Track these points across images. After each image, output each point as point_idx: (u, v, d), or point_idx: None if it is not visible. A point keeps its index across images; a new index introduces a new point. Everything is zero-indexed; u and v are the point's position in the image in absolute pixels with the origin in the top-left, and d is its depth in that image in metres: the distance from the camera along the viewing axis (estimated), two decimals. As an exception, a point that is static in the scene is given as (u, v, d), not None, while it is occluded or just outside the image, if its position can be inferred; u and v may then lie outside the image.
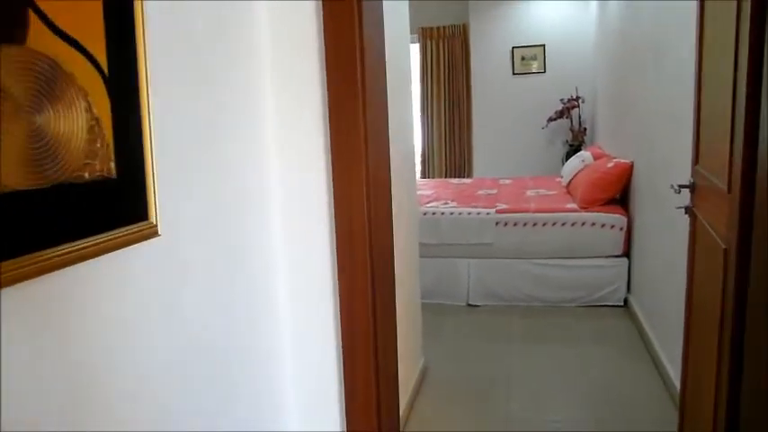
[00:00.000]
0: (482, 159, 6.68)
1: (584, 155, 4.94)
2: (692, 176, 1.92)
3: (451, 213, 4.05)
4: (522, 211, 3.97)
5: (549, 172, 6.21)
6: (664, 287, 2.97)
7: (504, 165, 6.58)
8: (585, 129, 6.05)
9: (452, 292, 4.08)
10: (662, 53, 2.99)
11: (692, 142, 1.91)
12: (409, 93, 2.72)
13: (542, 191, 4.69)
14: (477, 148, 6.68)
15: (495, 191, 4.83)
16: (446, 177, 6.75)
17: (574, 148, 6.04)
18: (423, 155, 6.86)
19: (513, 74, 6.43)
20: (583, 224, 3.83)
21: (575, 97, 6.05)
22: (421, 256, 4.10)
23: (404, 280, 2.61)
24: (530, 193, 4.64)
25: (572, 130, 6.09)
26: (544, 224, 3.89)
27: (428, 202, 4.37)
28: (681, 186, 1.95)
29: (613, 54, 4.62)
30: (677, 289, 2.72)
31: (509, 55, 6.40)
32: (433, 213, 4.09)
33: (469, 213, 4.03)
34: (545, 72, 6.34)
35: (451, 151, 6.75)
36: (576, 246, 3.86)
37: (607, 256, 3.84)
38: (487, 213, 3.99)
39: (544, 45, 6.28)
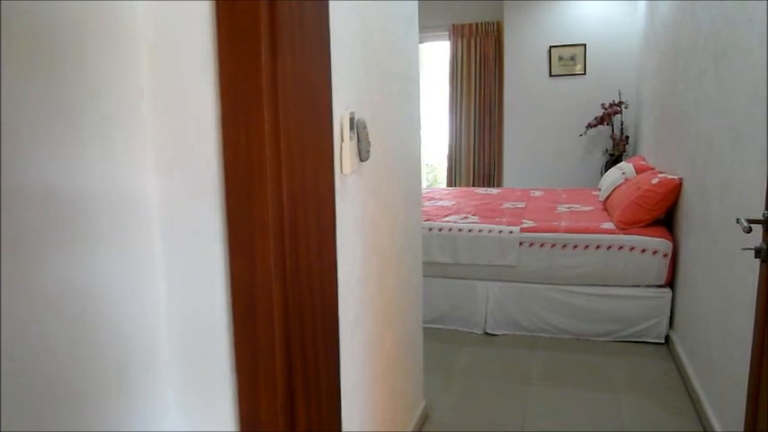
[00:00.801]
0: (513, 167, 6.19)
1: (626, 167, 4.43)
2: (767, 210, 1.45)
3: (470, 230, 3.61)
4: (550, 231, 3.50)
5: (585, 183, 5.69)
6: (715, 327, 2.48)
7: (537, 174, 6.08)
8: (628, 137, 5.51)
9: (468, 318, 3.64)
10: (725, 57, 2.50)
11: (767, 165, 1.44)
12: (416, 98, 2.30)
13: (576, 206, 4.20)
14: (509, 154, 6.20)
15: (523, 204, 4.36)
16: (473, 186, 6.29)
17: (614, 159, 5.51)
18: (449, 160, 6.42)
19: (550, 75, 5.92)
20: (621, 248, 3.34)
21: (617, 102, 5.52)
22: (435, 276, 3.70)
23: (400, 306, 2.19)
24: (561, 208, 4.16)
25: (613, 138, 5.56)
26: (575, 246, 3.41)
27: (446, 216, 3.94)
28: (751, 222, 1.49)
29: (663, 56, 4.10)
30: (732, 332, 2.24)
31: (546, 55, 5.90)
32: (450, 230, 3.65)
33: (490, 231, 3.58)
34: (585, 74, 5.82)
35: (480, 157, 6.29)
36: (612, 272, 3.37)
37: (647, 286, 3.34)
38: (510, 232, 3.53)
39: (585, 45, 5.76)
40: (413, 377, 2.45)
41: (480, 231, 3.59)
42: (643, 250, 3.30)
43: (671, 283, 3.34)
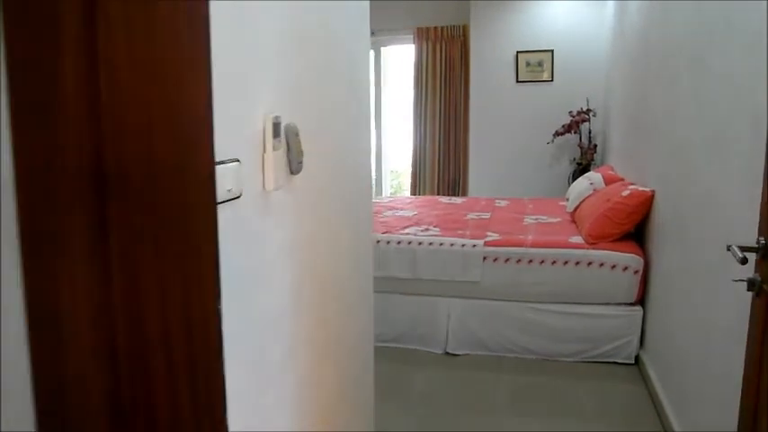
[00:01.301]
0: (479, 175, 6.00)
1: (594, 177, 4.26)
2: (762, 236, 1.24)
3: (430, 244, 3.37)
4: (516, 245, 3.28)
5: (552, 193, 5.52)
6: (690, 350, 2.29)
7: (503, 182, 5.90)
8: (596, 146, 5.36)
9: (428, 336, 3.40)
10: (701, 62, 2.32)
11: (763, 182, 1.23)
12: (364, 101, 2.05)
13: (543, 218, 4.01)
14: (474, 162, 6.00)
15: (488, 215, 4.15)
16: (438, 194, 6.07)
17: (582, 168, 5.36)
18: (414, 167, 6.19)
19: (517, 81, 5.75)
20: (589, 263, 3.14)
21: (585, 110, 5.37)
22: (393, 292, 3.45)
23: (346, 335, 1.93)
24: (528, 220, 3.96)
25: (580, 146, 5.41)
26: (542, 261, 3.20)
27: (406, 228, 3.70)
28: (744, 250, 1.28)
29: (633, 62, 3.94)
30: (711, 356, 2.05)
31: (513, 60, 5.73)
32: (409, 243, 3.41)
33: (452, 245, 3.35)
34: (552, 80, 5.66)
35: (445, 165, 6.07)
36: (580, 289, 3.17)
37: (617, 304, 3.16)
38: (474, 246, 3.31)
39: (552, 50, 5.61)
40: (362, 411, 2.19)
41: (441, 245, 3.36)
42: (613, 266, 3.11)
43: (641, 300, 3.15)
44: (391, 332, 3.45)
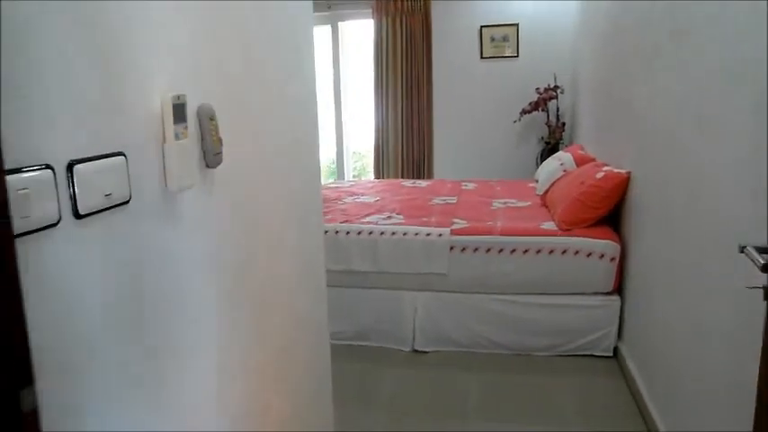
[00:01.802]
0: (444, 156, 5.76)
1: (564, 157, 4.05)
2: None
3: (393, 233, 3.11)
4: (484, 233, 3.05)
5: (521, 173, 5.31)
6: (674, 344, 2.10)
7: (469, 163, 5.67)
8: (564, 124, 5.16)
9: (394, 333, 3.16)
10: (685, 33, 2.09)
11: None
12: (308, 77, 1.75)
13: (512, 201, 3.79)
14: (439, 142, 5.75)
15: (454, 199, 3.90)
16: (402, 177, 5.81)
17: (550, 147, 5.16)
18: (376, 149, 5.90)
19: (482, 58, 5.50)
20: (564, 252, 2.93)
21: (552, 87, 5.15)
22: (354, 287, 3.19)
23: (296, 351, 1.67)
24: (496, 204, 3.73)
25: (548, 125, 5.20)
26: (513, 250, 2.98)
27: (367, 216, 3.43)
28: (761, 252, 1.04)
29: (604, 35, 3.72)
30: (698, 353, 1.86)
31: (477, 35, 5.46)
32: (370, 233, 3.14)
33: (417, 234, 3.09)
34: (518, 56, 5.42)
35: (409, 146, 5.80)
36: (555, 279, 2.96)
37: (594, 293, 2.96)
38: (440, 235, 3.06)
39: (517, 24, 5.36)
40: (321, 421, 1.94)
41: (405, 234, 3.10)
42: (589, 254, 2.90)
43: (619, 289, 2.96)
44: (354, 329, 3.19)
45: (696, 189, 1.93)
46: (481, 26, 5.42)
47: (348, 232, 3.17)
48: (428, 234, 3.08)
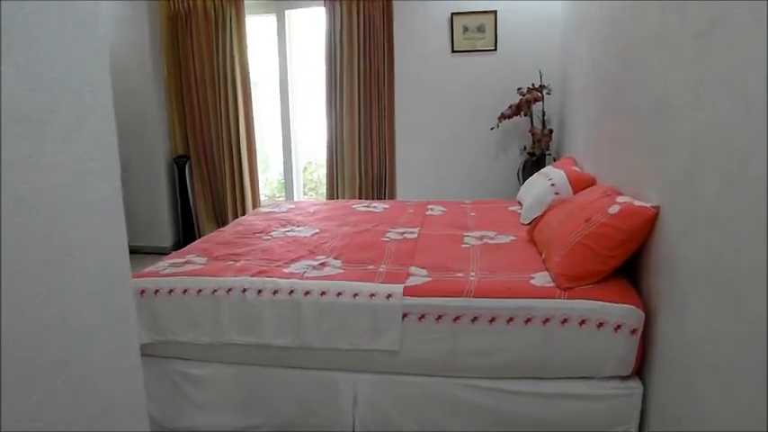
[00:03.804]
0: (408, 170, 4.86)
1: (554, 174, 3.19)
2: None
3: (322, 294, 2.19)
4: (452, 294, 2.14)
5: (500, 191, 4.44)
6: None
7: (439, 178, 4.79)
8: (551, 131, 4.29)
9: (327, 427, 2.24)
10: (727, 16, 1.21)
11: None
12: (99, 71, 0.82)
13: (490, 235, 2.89)
14: (402, 153, 4.85)
15: (415, 232, 3.00)
16: (360, 195, 4.89)
17: (535, 159, 4.29)
18: (329, 163, 4.98)
19: (453, 51, 4.61)
20: (564, 321, 2.04)
21: (537, 86, 4.29)
22: (271, 366, 2.27)
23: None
24: (469, 239, 2.83)
25: (533, 132, 4.32)
26: (492, 319, 2.08)
27: (293, 262, 2.51)
28: None
29: (608, 19, 2.86)
30: None
31: (447, 24, 4.58)
32: (291, 292, 2.22)
33: (356, 295, 2.18)
34: (496, 50, 4.55)
35: (368, 158, 4.89)
36: (552, 359, 2.07)
37: (605, 378, 2.07)
38: (389, 296, 2.15)
39: (495, 12, 4.49)
40: None
41: (340, 295, 2.19)
42: (600, 324, 2.01)
43: (639, 372, 2.08)
44: (274, 422, 2.28)
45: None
46: (452, 14, 4.53)
47: (260, 291, 2.24)
48: (372, 294, 2.16)
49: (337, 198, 4.97)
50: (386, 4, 4.65)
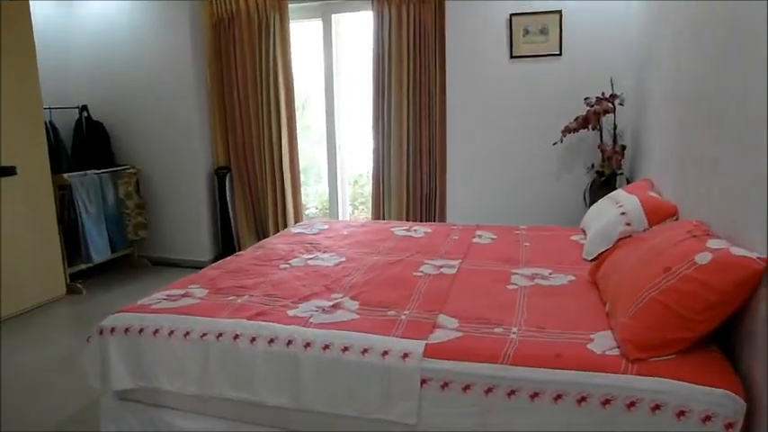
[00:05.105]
0: (460, 187, 4.41)
1: (626, 200, 2.67)
2: None
3: (326, 348, 1.80)
4: (484, 358, 1.68)
5: (561, 216, 3.93)
6: None
7: (493, 199, 4.31)
8: (624, 148, 3.73)
9: None
10: None
11: None
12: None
13: (543, 273, 2.41)
14: (454, 169, 4.41)
15: (454, 266, 2.56)
16: (408, 216, 4.49)
17: (604, 179, 3.75)
18: (375, 178, 4.60)
19: (512, 56, 4.14)
20: (631, 404, 1.54)
21: (608, 96, 3.75)
22: (268, 427, 1.90)
23: None
24: (518, 279, 2.36)
25: (602, 149, 3.78)
26: (535, 395, 1.61)
27: (301, 301, 2.13)
28: None
29: (698, 16, 2.33)
30: None
31: (505, 27, 4.11)
32: (289, 343, 1.83)
33: (365, 351, 1.77)
34: (560, 55, 4.04)
35: (417, 174, 4.47)
36: (613, 450, 1.58)
37: (687, 481, 1.56)
38: (405, 356, 1.72)
39: (560, 12, 3.98)
40: None
41: (346, 351, 1.78)
42: (681, 413, 1.50)
43: (737, 475, 1.56)
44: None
45: None
46: (511, 14, 4.06)
47: (254, 339, 1.88)
48: (385, 352, 1.74)
49: (383, 216, 4.59)
50: (438, 5, 4.23)
